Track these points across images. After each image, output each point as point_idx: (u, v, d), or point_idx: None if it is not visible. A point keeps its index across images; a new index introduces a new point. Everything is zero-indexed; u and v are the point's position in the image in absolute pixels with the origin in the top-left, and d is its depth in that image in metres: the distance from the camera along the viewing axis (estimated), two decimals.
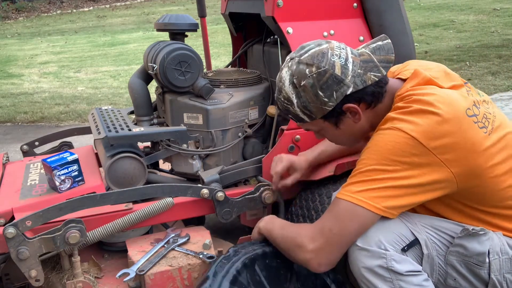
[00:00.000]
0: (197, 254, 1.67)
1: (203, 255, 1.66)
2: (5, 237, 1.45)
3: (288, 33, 1.85)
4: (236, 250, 1.59)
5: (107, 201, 1.62)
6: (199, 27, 2.10)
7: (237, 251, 1.58)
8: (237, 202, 1.80)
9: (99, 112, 2.17)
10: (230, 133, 1.95)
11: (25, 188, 1.84)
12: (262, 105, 2.04)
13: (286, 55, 1.99)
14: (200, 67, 1.90)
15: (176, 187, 1.73)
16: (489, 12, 10.01)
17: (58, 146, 2.46)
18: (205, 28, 2.73)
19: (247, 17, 2.38)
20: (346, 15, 1.95)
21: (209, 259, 1.64)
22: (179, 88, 1.89)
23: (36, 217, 1.51)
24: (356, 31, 1.96)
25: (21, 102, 5.81)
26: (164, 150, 1.91)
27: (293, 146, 1.91)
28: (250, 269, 1.53)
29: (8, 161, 2.23)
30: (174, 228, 1.84)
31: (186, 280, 1.65)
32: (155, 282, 1.59)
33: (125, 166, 1.81)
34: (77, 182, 1.79)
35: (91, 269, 1.74)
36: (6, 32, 13.00)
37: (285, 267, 1.58)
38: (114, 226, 1.65)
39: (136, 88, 2.05)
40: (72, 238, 1.53)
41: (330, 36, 1.92)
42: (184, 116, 1.92)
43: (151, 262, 1.63)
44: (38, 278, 1.55)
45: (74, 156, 1.77)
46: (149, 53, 1.98)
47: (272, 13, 1.83)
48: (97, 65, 8.07)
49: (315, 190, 1.87)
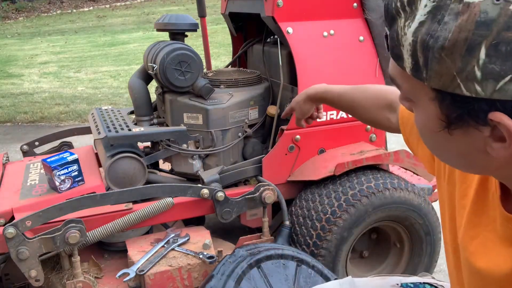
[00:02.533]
0: (197, 254, 1.67)
1: (203, 255, 1.66)
2: (5, 237, 1.45)
3: (288, 33, 1.84)
4: (241, 250, 1.59)
5: (107, 201, 1.63)
6: (199, 27, 2.10)
7: (242, 251, 1.58)
8: (237, 202, 1.79)
9: (99, 112, 2.17)
10: (230, 133, 1.94)
11: (25, 188, 1.84)
12: (262, 105, 2.04)
13: (286, 55, 2.01)
14: (200, 67, 1.89)
15: (176, 187, 1.73)
16: None
17: (58, 146, 2.46)
18: (205, 28, 2.73)
19: (247, 17, 2.38)
20: (346, 15, 1.95)
21: (209, 259, 1.64)
22: (179, 88, 1.89)
23: (36, 217, 1.51)
24: (356, 31, 1.96)
25: (21, 102, 5.80)
26: (164, 150, 1.91)
27: (293, 146, 1.91)
28: (255, 270, 1.53)
29: (8, 161, 2.23)
30: (174, 228, 1.84)
31: (186, 280, 1.65)
32: (155, 282, 1.59)
33: (125, 166, 1.81)
34: (77, 182, 1.79)
35: (91, 269, 1.74)
36: (6, 32, 13.00)
37: (289, 268, 1.58)
38: (114, 226, 1.65)
39: (136, 88, 2.05)
40: (72, 238, 1.53)
41: (330, 36, 1.92)
42: (184, 116, 1.92)
43: (151, 262, 1.63)
44: (38, 278, 1.55)
45: (74, 156, 1.77)
46: (149, 53, 1.98)
47: (272, 13, 1.83)
48: (97, 65, 8.07)
49: (315, 190, 1.87)
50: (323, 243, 1.75)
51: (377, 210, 1.78)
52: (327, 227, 1.75)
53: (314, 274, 1.62)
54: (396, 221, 1.89)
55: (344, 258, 1.82)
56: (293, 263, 1.61)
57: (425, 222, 1.89)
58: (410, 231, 1.92)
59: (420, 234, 1.92)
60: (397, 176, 1.89)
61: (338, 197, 1.78)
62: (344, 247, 1.78)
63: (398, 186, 1.82)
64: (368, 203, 1.76)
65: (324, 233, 1.75)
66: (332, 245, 1.76)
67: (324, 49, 1.91)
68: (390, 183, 1.81)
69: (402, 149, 1.92)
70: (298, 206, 1.89)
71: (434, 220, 1.92)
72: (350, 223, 1.75)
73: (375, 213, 1.79)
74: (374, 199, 1.77)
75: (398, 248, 2.01)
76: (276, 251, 1.60)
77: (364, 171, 1.87)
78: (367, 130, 2.03)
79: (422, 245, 1.94)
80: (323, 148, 1.97)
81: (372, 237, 2.03)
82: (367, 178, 1.82)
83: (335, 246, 1.76)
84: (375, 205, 1.77)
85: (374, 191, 1.77)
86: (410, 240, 1.96)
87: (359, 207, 1.75)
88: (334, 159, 1.87)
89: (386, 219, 1.86)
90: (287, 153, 1.91)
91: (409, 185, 1.87)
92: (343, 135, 1.99)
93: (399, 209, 1.83)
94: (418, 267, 1.98)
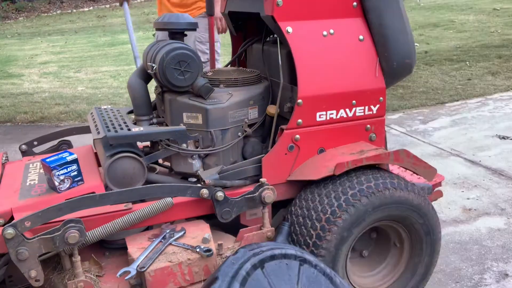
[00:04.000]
0: (194, 248, 1.66)
1: (200, 249, 1.65)
2: (4, 237, 1.45)
3: (288, 32, 1.84)
4: (245, 250, 1.59)
5: (106, 202, 1.62)
6: (199, 27, 2.09)
7: (246, 252, 1.58)
8: (237, 201, 1.79)
9: (98, 112, 2.17)
10: (230, 133, 1.94)
11: (24, 188, 1.83)
12: (262, 105, 2.04)
13: (286, 54, 2.00)
14: (200, 67, 1.89)
15: (175, 187, 1.73)
16: (489, 12, 10.01)
17: (57, 145, 2.45)
18: (212, 26, 2.72)
19: (247, 16, 2.38)
20: (346, 14, 1.94)
21: (206, 252, 1.64)
22: (179, 87, 1.88)
23: (35, 218, 1.51)
24: (356, 30, 1.96)
25: (21, 102, 5.80)
26: (164, 150, 1.91)
27: (292, 145, 1.90)
28: (259, 270, 1.53)
29: (7, 161, 2.23)
30: (169, 224, 1.83)
31: (187, 275, 1.65)
32: (155, 278, 1.59)
33: (125, 166, 1.80)
34: (76, 182, 1.78)
35: (92, 268, 1.73)
36: (6, 32, 12.99)
37: (292, 268, 1.57)
38: (113, 226, 1.65)
39: (136, 87, 2.04)
40: (71, 238, 1.52)
41: (330, 36, 1.91)
42: (183, 115, 1.91)
43: (150, 258, 1.63)
44: (38, 278, 1.54)
45: (73, 156, 1.77)
46: (148, 52, 1.98)
47: (271, 12, 1.82)
48: (97, 65, 8.06)
49: (315, 189, 1.86)
50: (323, 243, 1.75)
51: (377, 210, 1.78)
52: (327, 227, 1.74)
53: (317, 274, 1.61)
54: (396, 220, 1.89)
55: (344, 258, 1.82)
56: (296, 262, 1.60)
57: (425, 222, 1.89)
58: (410, 231, 1.92)
59: (420, 234, 1.92)
60: (397, 176, 1.89)
61: (338, 197, 1.77)
62: (344, 247, 1.78)
63: (398, 186, 1.81)
64: (368, 203, 1.76)
65: (324, 233, 1.75)
66: (332, 245, 1.75)
67: (324, 48, 1.90)
68: (390, 183, 1.81)
69: (402, 149, 1.91)
70: (298, 206, 1.89)
71: (434, 220, 1.92)
72: (350, 223, 1.75)
73: (375, 213, 1.78)
74: (374, 199, 1.76)
75: (398, 247, 2.01)
76: (279, 250, 1.60)
77: (364, 171, 1.86)
78: (367, 129, 2.03)
79: (422, 245, 1.94)
80: (323, 148, 1.96)
81: (372, 237, 2.02)
82: (367, 177, 1.81)
83: (334, 246, 1.76)
84: (375, 205, 1.77)
85: (374, 191, 1.77)
86: (410, 240, 1.96)
87: (359, 207, 1.75)
88: (334, 158, 1.87)
89: (386, 219, 1.86)
90: (287, 153, 1.90)
91: (409, 184, 1.87)
92: (343, 135, 1.99)
93: (399, 209, 1.82)
94: (418, 267, 1.98)
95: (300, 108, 1.87)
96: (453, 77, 5.79)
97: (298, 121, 1.88)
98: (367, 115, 2.01)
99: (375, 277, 2.02)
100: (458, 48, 7.16)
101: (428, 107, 5.03)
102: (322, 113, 1.92)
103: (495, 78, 5.73)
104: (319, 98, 1.90)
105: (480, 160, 3.68)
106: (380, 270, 2.03)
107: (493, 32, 8.12)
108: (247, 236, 1.81)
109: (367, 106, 2.00)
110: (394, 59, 1.96)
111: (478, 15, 9.77)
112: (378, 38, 1.96)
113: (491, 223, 2.82)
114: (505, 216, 2.90)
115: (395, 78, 2.05)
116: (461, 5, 11.08)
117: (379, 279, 2.02)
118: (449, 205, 3.03)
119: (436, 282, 2.29)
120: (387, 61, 1.97)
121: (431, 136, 4.22)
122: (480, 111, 4.78)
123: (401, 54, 1.96)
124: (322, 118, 1.93)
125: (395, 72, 2.00)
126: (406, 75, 2.06)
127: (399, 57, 1.97)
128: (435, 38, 8.00)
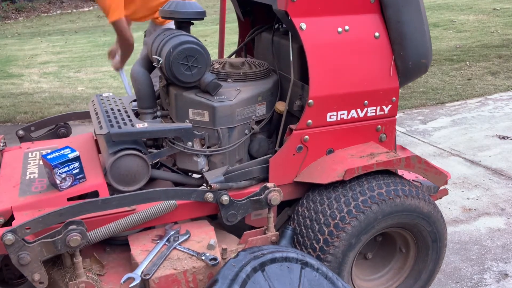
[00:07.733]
0: (200, 255, 1.63)
1: (205, 257, 1.62)
2: (4, 243, 1.40)
3: (302, 29, 1.74)
4: (245, 253, 1.56)
5: (108, 206, 1.57)
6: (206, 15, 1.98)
7: (246, 255, 1.55)
8: (242, 204, 1.75)
9: (100, 101, 2.09)
10: (237, 131, 1.87)
11: (24, 183, 1.77)
12: (270, 101, 1.96)
13: (297, 49, 1.91)
14: (208, 62, 1.80)
15: (179, 191, 1.67)
16: (489, 12, 9.82)
17: (55, 129, 2.39)
18: (223, 9, 2.59)
19: (256, 3, 2.26)
20: (362, 10, 1.84)
21: (212, 261, 1.61)
22: (185, 83, 1.80)
23: (36, 223, 1.46)
24: (372, 27, 1.86)
25: (21, 102, 5.72)
26: (168, 148, 1.84)
27: (301, 146, 1.84)
28: (259, 273, 1.50)
29: (5, 146, 2.16)
30: (172, 225, 1.79)
31: (191, 282, 1.62)
32: (160, 286, 1.56)
33: (128, 163, 1.74)
34: (78, 180, 1.72)
35: (93, 266, 1.70)
36: (6, 32, 12.63)
37: (294, 271, 1.55)
38: (116, 227, 1.61)
39: (139, 78, 1.95)
40: (73, 241, 1.48)
41: (344, 33, 1.82)
42: (189, 112, 1.84)
43: (155, 264, 1.59)
44: (42, 280, 1.52)
45: (75, 153, 1.70)
46: (154, 43, 1.88)
47: (285, 7, 1.72)
48: (97, 65, 7.89)
49: (324, 192, 1.82)
50: (330, 249, 1.72)
51: (387, 218, 1.74)
52: (335, 233, 1.71)
53: (318, 277, 1.59)
54: (404, 228, 1.85)
55: (350, 264, 1.79)
56: (298, 265, 1.58)
57: (433, 230, 1.86)
58: (417, 237, 1.89)
59: (427, 241, 1.89)
60: (408, 182, 1.84)
61: (348, 202, 1.73)
62: (351, 253, 1.75)
63: (409, 193, 1.77)
64: (379, 211, 1.72)
65: (332, 239, 1.71)
66: (339, 251, 1.72)
67: (338, 46, 1.81)
68: (401, 189, 1.76)
69: (413, 155, 1.86)
70: (305, 207, 1.85)
71: (442, 227, 1.89)
72: (359, 230, 1.71)
73: (385, 221, 1.75)
74: (384, 206, 1.72)
75: (404, 253, 1.98)
76: (280, 253, 1.57)
77: (375, 176, 1.82)
78: (378, 130, 1.97)
79: (428, 251, 1.91)
80: (332, 148, 1.90)
81: (377, 240, 1.99)
82: (378, 184, 1.76)
83: (342, 252, 1.73)
84: (385, 212, 1.73)
85: (385, 198, 1.72)
86: (416, 246, 1.93)
87: (369, 214, 1.71)
88: (343, 161, 1.81)
89: (395, 226, 1.82)
90: (295, 154, 1.85)
91: (420, 192, 1.82)
92: (353, 135, 1.93)
93: (409, 217, 1.79)
94: (422, 273, 1.96)
95: (310, 109, 1.80)
96: (453, 77, 5.74)
97: (308, 122, 1.82)
98: (379, 115, 1.95)
99: (377, 281, 2.00)
100: (458, 48, 7.04)
101: (428, 107, 4.97)
102: (333, 113, 1.85)
103: (495, 78, 5.67)
104: (331, 98, 1.82)
105: (480, 160, 3.65)
106: (383, 274, 2.01)
107: (493, 32, 7.97)
108: (251, 240, 1.77)
109: (379, 106, 1.93)
110: (410, 59, 1.88)
111: (478, 15, 9.57)
112: (394, 36, 1.87)
113: (491, 223, 2.81)
114: (505, 216, 2.88)
115: (410, 78, 1.97)
116: (461, 5, 10.84)
117: (382, 283, 2.00)
118: (449, 205, 3.01)
119: (436, 282, 2.28)
120: (402, 60, 1.89)
121: (431, 136, 4.18)
122: (480, 111, 4.74)
123: (417, 53, 1.88)
124: (332, 119, 1.86)
125: (410, 71, 1.92)
126: (421, 75, 1.98)
127: (415, 56, 1.88)
128: (435, 38, 7.82)
